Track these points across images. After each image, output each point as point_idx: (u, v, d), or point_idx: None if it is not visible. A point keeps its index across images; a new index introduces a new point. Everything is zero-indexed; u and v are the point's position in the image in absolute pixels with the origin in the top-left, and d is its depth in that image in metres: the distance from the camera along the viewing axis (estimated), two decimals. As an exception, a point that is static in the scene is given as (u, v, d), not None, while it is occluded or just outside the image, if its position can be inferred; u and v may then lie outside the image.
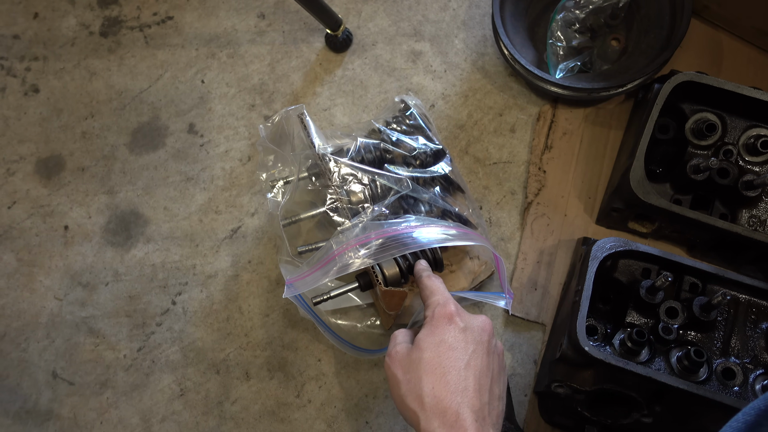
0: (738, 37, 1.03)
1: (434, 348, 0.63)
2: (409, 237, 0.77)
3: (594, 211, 0.97)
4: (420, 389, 0.60)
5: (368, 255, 0.76)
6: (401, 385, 0.62)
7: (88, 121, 1.08)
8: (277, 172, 0.93)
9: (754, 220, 0.88)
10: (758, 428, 0.53)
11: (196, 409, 0.92)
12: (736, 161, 0.88)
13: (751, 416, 0.54)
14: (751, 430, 0.53)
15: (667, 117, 0.92)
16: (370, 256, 0.76)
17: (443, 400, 0.59)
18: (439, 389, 0.59)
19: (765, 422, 0.53)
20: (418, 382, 0.61)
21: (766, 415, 0.53)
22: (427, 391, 0.59)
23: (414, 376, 0.61)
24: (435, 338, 0.63)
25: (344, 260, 0.76)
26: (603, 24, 1.01)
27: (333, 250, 0.78)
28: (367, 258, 0.75)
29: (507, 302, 0.81)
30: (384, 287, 0.79)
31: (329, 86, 1.08)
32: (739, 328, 0.81)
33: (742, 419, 0.54)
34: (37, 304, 0.98)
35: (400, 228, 0.78)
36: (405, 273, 0.82)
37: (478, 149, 1.02)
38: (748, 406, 0.55)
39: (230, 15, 1.14)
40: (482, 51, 1.09)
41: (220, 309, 0.96)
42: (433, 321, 0.65)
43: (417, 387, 0.60)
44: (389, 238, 0.77)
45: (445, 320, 0.65)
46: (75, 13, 1.16)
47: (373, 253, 0.76)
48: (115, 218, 1.02)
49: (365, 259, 0.75)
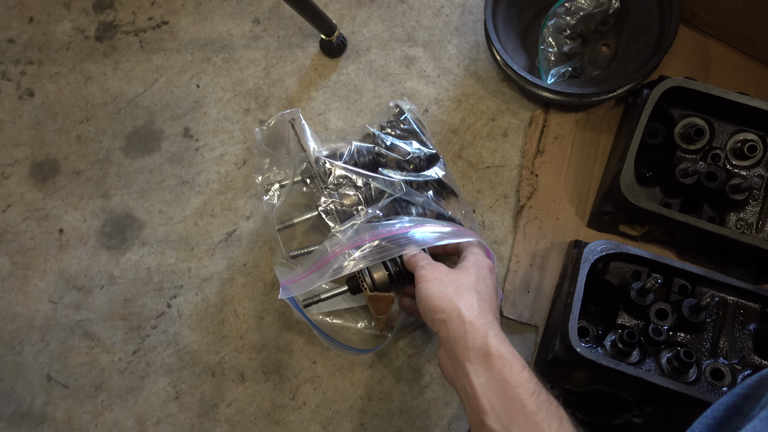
0: (725, 44, 1.05)
1: (477, 271, 0.75)
2: (404, 237, 0.78)
3: (585, 215, 0.98)
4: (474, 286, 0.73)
5: (362, 257, 0.77)
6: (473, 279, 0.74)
7: (83, 125, 1.09)
8: (273, 175, 0.93)
9: (742, 223, 0.90)
10: (727, 423, 0.54)
11: (191, 411, 0.92)
12: (723, 165, 0.90)
13: (719, 412, 0.56)
14: (720, 425, 0.55)
15: (656, 122, 0.93)
16: (365, 258, 0.77)
17: (489, 298, 0.72)
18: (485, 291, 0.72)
19: (733, 417, 0.54)
20: (472, 283, 0.73)
21: (733, 410, 0.55)
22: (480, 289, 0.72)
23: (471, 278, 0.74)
24: (479, 270, 0.75)
25: (339, 262, 0.77)
26: (593, 30, 1.02)
27: (327, 252, 0.79)
28: (362, 260, 0.76)
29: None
30: (369, 292, 0.79)
31: (324, 91, 1.09)
32: (727, 329, 0.82)
33: (711, 415, 0.56)
34: (32, 307, 0.98)
35: (394, 229, 0.79)
36: (394, 278, 0.83)
37: (471, 153, 1.04)
38: (717, 402, 0.56)
39: (225, 20, 1.15)
40: (475, 56, 1.10)
41: (215, 312, 0.97)
42: (469, 261, 0.77)
43: (474, 285, 0.72)
44: (384, 239, 0.78)
45: (482, 260, 0.78)
46: (70, 17, 1.16)
47: (367, 255, 0.77)
48: (110, 222, 1.03)
49: (360, 262, 0.76)
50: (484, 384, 0.61)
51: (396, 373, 0.92)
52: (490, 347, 0.63)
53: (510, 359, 0.62)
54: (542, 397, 0.60)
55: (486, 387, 0.61)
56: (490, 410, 0.60)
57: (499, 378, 0.61)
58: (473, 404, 0.62)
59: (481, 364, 0.62)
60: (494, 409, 0.60)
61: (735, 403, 0.55)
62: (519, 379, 0.61)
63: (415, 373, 0.92)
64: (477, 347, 0.63)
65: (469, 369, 0.63)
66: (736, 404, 0.55)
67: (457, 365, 0.65)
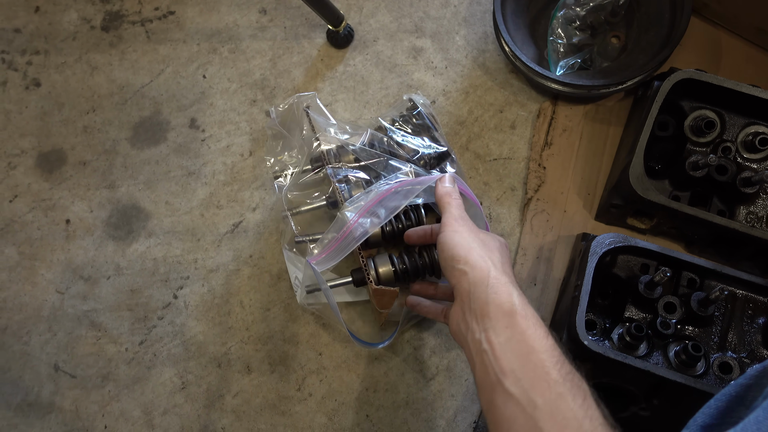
0: (737, 35, 1.04)
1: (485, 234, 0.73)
2: (413, 181, 0.79)
3: (593, 208, 0.98)
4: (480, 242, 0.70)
5: (382, 215, 0.77)
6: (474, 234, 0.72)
7: (90, 115, 1.09)
8: (285, 157, 0.93)
9: (752, 216, 0.89)
10: (730, 413, 0.54)
11: (198, 402, 0.92)
12: (734, 158, 0.89)
13: (722, 402, 0.55)
14: (723, 415, 0.54)
15: (666, 114, 0.92)
16: (380, 220, 0.77)
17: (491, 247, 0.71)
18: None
19: (736, 407, 0.54)
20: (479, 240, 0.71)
21: (736, 400, 0.54)
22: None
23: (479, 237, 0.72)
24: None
25: (362, 227, 0.77)
26: (603, 21, 1.02)
27: (347, 223, 0.78)
28: (378, 222, 0.77)
29: None
30: (375, 285, 0.79)
31: (330, 82, 1.08)
32: (736, 323, 0.82)
33: (713, 405, 0.55)
34: (39, 298, 0.98)
35: (403, 180, 0.81)
36: (399, 275, 0.83)
37: (478, 145, 1.03)
38: (720, 392, 0.55)
39: (232, 10, 1.14)
40: (483, 48, 1.09)
41: (222, 303, 0.97)
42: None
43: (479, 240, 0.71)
44: (395, 191, 0.78)
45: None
46: (76, 7, 1.16)
47: (384, 215, 0.77)
48: (116, 212, 1.03)
49: (375, 220, 0.77)
50: (504, 343, 0.57)
51: (401, 365, 0.92)
52: (515, 305, 0.59)
53: (535, 322, 0.58)
54: (567, 368, 0.55)
55: (506, 346, 0.56)
56: (510, 372, 0.55)
57: (521, 339, 0.56)
58: (489, 364, 0.57)
59: (503, 321, 0.58)
60: (514, 371, 0.55)
61: (738, 393, 0.54)
62: (544, 345, 0.56)
63: (420, 365, 0.92)
64: (500, 303, 0.59)
65: (489, 325, 0.58)
66: (738, 394, 0.54)
67: (473, 320, 0.61)
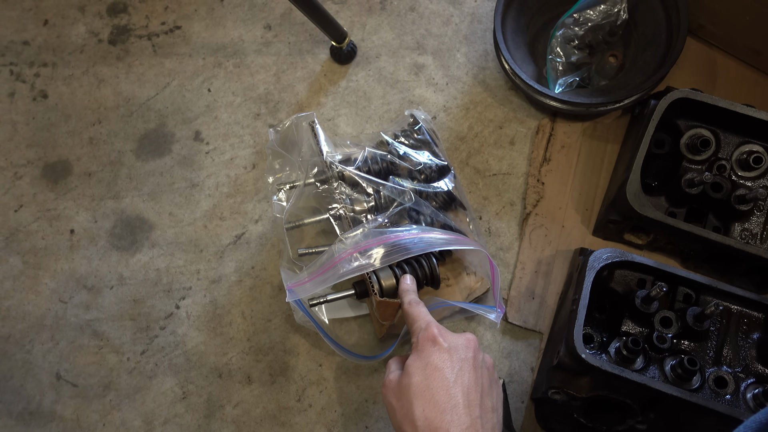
0: (732, 56, 1.06)
1: (421, 371, 0.64)
2: (411, 242, 0.79)
3: (591, 223, 0.99)
4: (412, 414, 0.61)
5: (369, 262, 0.78)
6: (396, 411, 0.64)
7: (96, 127, 1.10)
8: (284, 176, 0.95)
9: (746, 233, 0.90)
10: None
11: (198, 412, 0.93)
12: (729, 176, 0.91)
13: (752, 429, 0.55)
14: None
15: (662, 132, 0.94)
16: (371, 263, 0.78)
17: (434, 421, 0.60)
18: (429, 411, 0.61)
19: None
20: (410, 407, 0.62)
21: (766, 428, 0.55)
22: (419, 415, 0.61)
23: (406, 402, 0.63)
24: (421, 362, 0.65)
25: (345, 266, 0.78)
26: (601, 41, 1.04)
27: (334, 257, 0.80)
28: (367, 265, 0.77)
29: (497, 315, 0.83)
30: (379, 297, 0.80)
31: (333, 97, 1.10)
32: (731, 337, 0.83)
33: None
34: (42, 307, 0.99)
35: (401, 235, 0.80)
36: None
37: (478, 161, 1.05)
38: (750, 419, 0.55)
39: (237, 25, 1.16)
40: (483, 65, 1.11)
41: (223, 314, 0.98)
42: (418, 346, 0.67)
43: (409, 412, 0.62)
44: (390, 244, 0.79)
45: (429, 343, 0.66)
46: (84, 20, 1.18)
47: (373, 262, 0.78)
48: (120, 223, 1.04)
49: (365, 262, 0.77)
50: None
51: (401, 377, 0.93)
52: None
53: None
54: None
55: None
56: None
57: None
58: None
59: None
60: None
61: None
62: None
63: (420, 378, 0.93)
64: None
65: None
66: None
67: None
